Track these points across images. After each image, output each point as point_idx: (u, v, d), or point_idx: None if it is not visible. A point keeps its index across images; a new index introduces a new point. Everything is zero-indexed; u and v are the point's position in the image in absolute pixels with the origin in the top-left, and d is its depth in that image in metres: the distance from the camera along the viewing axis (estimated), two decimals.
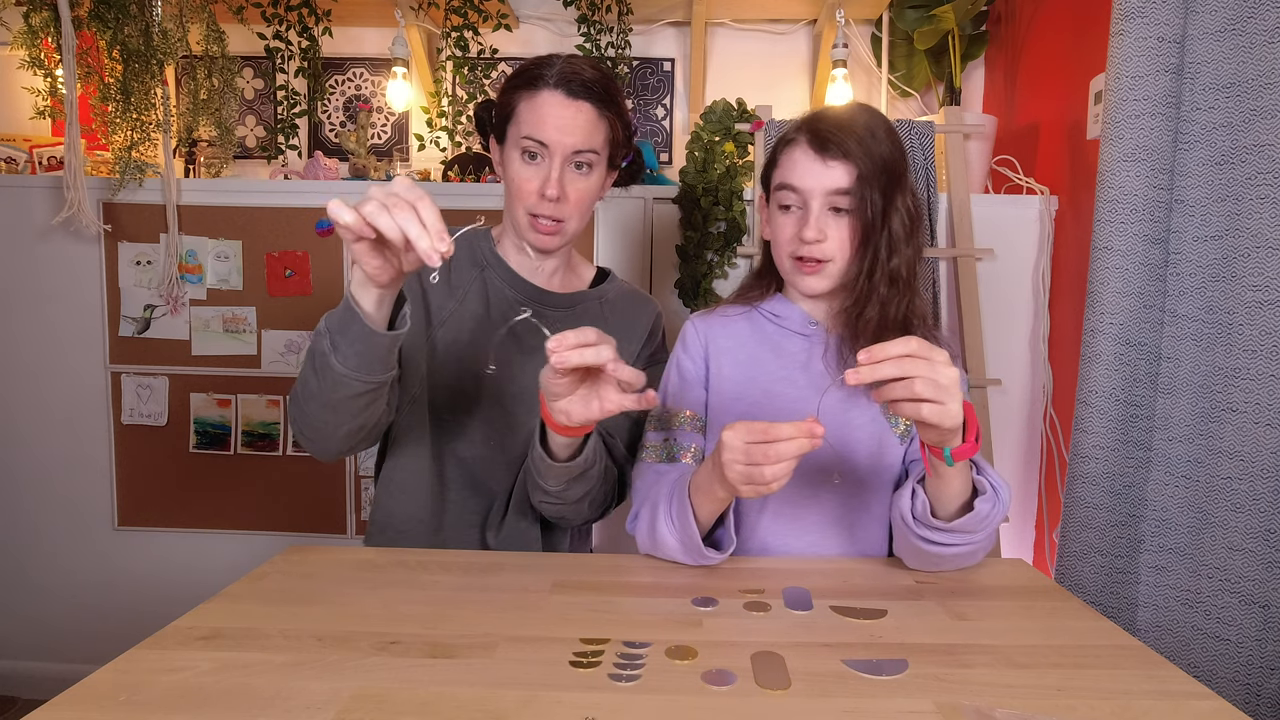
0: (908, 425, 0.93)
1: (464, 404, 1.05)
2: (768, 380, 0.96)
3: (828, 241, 0.89)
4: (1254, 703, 1.04)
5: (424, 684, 0.60)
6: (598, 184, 1.02)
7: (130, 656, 0.64)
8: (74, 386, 1.84)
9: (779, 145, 0.94)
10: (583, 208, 1.01)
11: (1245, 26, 1.07)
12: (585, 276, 1.15)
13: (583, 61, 0.99)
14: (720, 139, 1.76)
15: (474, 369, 1.04)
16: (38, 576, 1.89)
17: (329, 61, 2.24)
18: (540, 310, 1.04)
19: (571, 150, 0.96)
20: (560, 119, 0.95)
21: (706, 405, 0.98)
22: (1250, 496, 1.06)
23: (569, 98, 0.95)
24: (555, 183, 0.96)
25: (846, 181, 0.87)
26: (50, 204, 1.77)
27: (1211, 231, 1.12)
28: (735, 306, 1.02)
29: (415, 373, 1.03)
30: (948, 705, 0.58)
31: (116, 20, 1.65)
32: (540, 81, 0.96)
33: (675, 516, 0.84)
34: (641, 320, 1.12)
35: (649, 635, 0.68)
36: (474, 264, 1.07)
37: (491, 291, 1.06)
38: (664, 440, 0.96)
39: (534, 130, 0.95)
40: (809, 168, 0.89)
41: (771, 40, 2.25)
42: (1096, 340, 1.20)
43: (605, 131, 0.99)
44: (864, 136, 0.87)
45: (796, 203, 0.91)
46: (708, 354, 0.99)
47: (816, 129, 0.89)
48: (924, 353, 0.68)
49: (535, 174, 0.97)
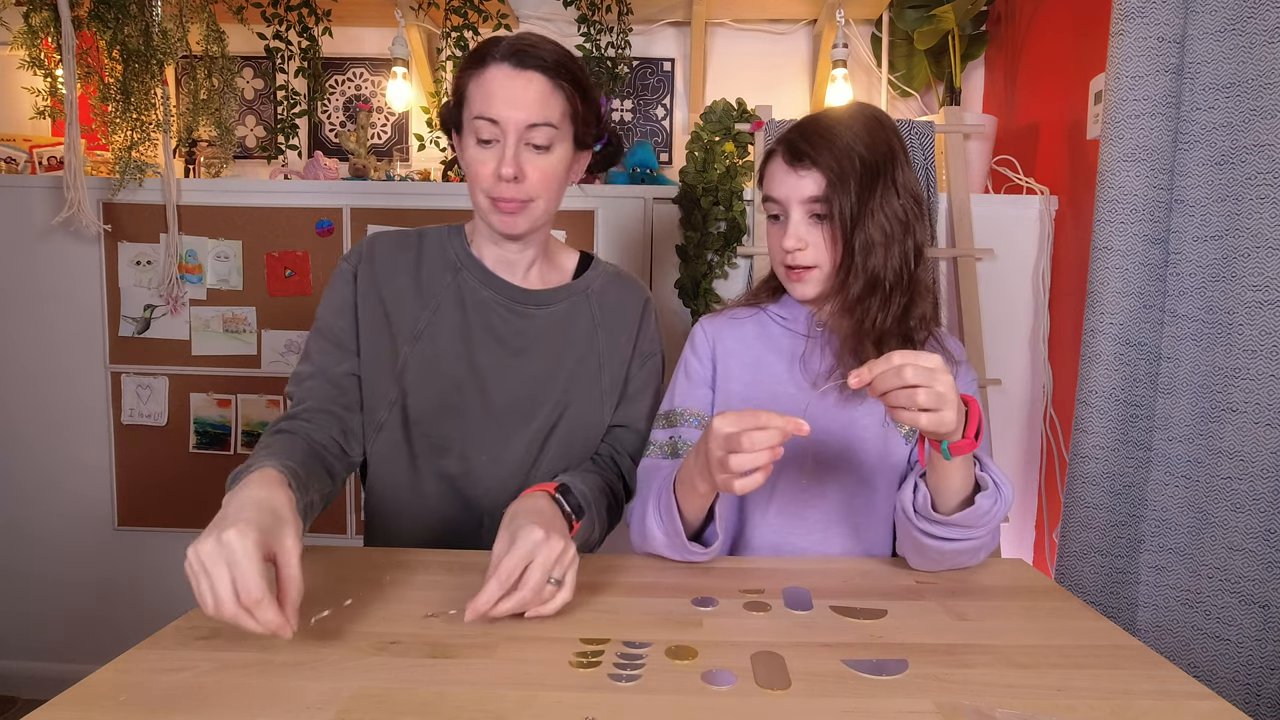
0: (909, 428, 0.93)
1: (449, 419, 0.98)
2: (773, 382, 0.96)
3: (808, 249, 0.90)
4: (1254, 703, 1.04)
5: (424, 684, 0.60)
6: (561, 162, 0.94)
7: (130, 656, 0.64)
8: (74, 387, 1.84)
9: (765, 157, 0.95)
10: (549, 187, 0.93)
11: (1245, 26, 1.07)
12: (567, 267, 1.08)
13: (533, 35, 0.93)
14: (720, 139, 1.76)
15: (457, 380, 0.98)
16: (38, 576, 1.89)
17: (329, 61, 2.24)
18: (523, 310, 1.01)
19: (525, 124, 0.89)
20: (509, 91, 0.89)
21: (713, 405, 0.98)
22: (1250, 496, 1.06)
23: (517, 68, 0.89)
24: (511, 160, 0.89)
25: (817, 189, 0.88)
26: (50, 204, 1.77)
27: (1211, 231, 1.12)
28: (744, 308, 1.02)
29: (381, 400, 0.98)
30: (948, 705, 0.58)
31: (116, 20, 1.65)
32: (488, 58, 0.90)
33: (662, 510, 0.84)
34: (631, 310, 1.06)
35: (649, 635, 0.68)
36: (446, 267, 1.01)
37: (467, 294, 1.00)
38: (669, 438, 0.97)
39: (483, 107, 0.89)
40: (783, 179, 0.90)
41: (771, 40, 2.25)
42: (1096, 340, 1.20)
43: (562, 104, 0.92)
44: (837, 141, 0.88)
45: (779, 212, 0.92)
46: (715, 355, 0.99)
47: (790, 139, 0.91)
48: (913, 362, 0.69)
49: (490, 155, 0.91)
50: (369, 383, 0.98)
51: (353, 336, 0.99)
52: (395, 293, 0.99)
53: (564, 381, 1.01)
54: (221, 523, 0.63)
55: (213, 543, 0.61)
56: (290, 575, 0.64)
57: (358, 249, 1.02)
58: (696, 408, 0.98)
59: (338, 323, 0.99)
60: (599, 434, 1.04)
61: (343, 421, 0.96)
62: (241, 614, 0.60)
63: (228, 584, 0.60)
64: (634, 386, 1.05)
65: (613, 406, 1.04)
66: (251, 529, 0.62)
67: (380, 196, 1.79)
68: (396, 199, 1.79)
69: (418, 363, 0.98)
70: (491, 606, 0.68)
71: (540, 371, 1.00)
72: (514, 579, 0.69)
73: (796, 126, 0.92)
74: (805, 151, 0.88)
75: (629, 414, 1.04)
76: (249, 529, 0.62)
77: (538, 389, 1.00)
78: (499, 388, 0.99)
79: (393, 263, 1.01)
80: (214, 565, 0.60)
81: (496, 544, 0.72)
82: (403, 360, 0.98)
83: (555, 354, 1.01)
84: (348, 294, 0.99)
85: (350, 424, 0.97)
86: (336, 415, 0.96)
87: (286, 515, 0.67)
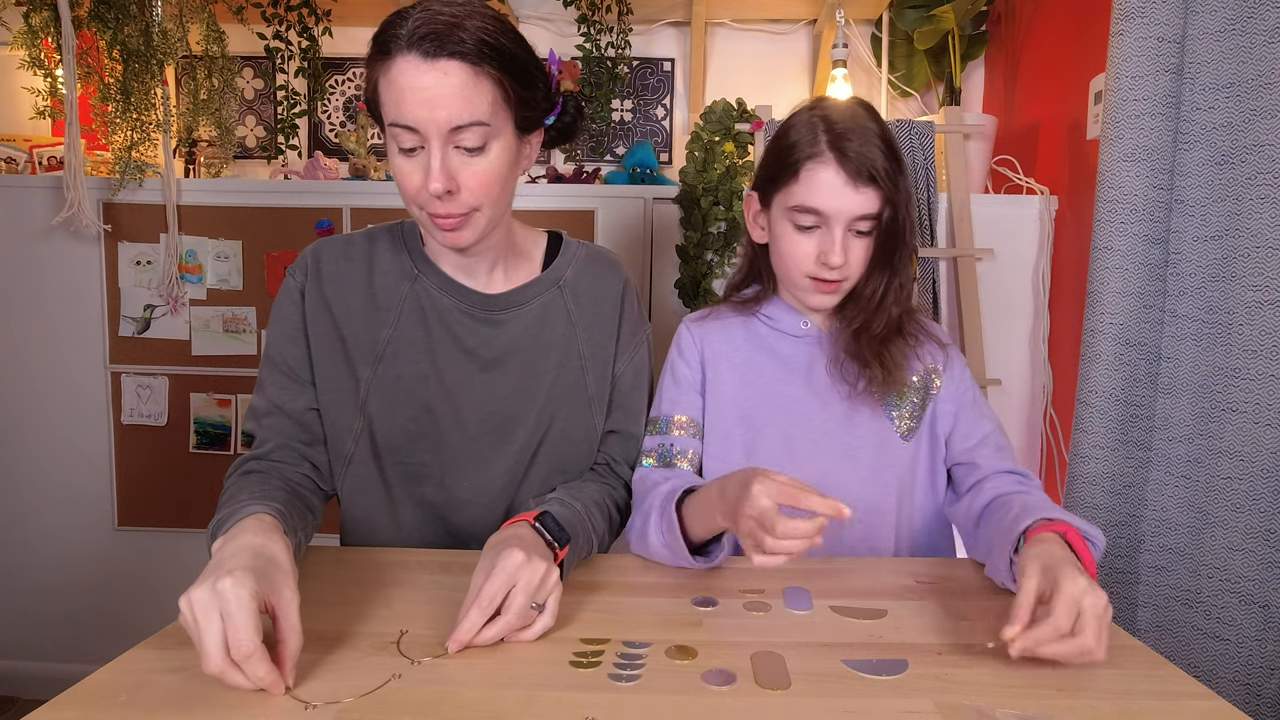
0: (910, 425, 0.93)
1: (422, 444, 0.91)
2: (766, 384, 0.96)
3: (848, 264, 0.87)
4: (1254, 703, 1.04)
5: (424, 684, 0.60)
6: (501, 160, 0.80)
7: (130, 656, 0.64)
8: (74, 386, 1.84)
9: (799, 158, 0.87)
10: (490, 192, 0.80)
11: (1245, 26, 1.07)
12: (535, 256, 0.97)
13: (447, 4, 0.76)
14: (720, 139, 1.76)
15: (427, 402, 0.90)
16: (38, 576, 1.89)
17: (329, 61, 2.24)
18: (490, 317, 0.91)
19: (448, 127, 0.75)
20: (422, 91, 0.74)
21: (703, 410, 0.97)
22: (1250, 496, 1.06)
23: (427, 59, 0.74)
24: (439, 173, 0.76)
25: (875, 207, 0.85)
26: (50, 204, 1.77)
27: (1211, 231, 1.12)
28: (731, 313, 1.00)
29: (346, 432, 0.90)
30: (948, 705, 0.58)
31: (116, 20, 1.65)
32: (393, 44, 0.75)
33: (664, 530, 0.83)
34: (609, 298, 0.97)
35: (649, 635, 0.68)
36: (402, 275, 0.91)
37: (427, 303, 0.90)
38: (659, 446, 0.95)
39: (396, 113, 0.76)
40: (838, 193, 0.85)
41: (771, 40, 2.24)
42: (1096, 340, 1.20)
43: (490, 92, 0.77)
44: (894, 156, 0.85)
45: (819, 224, 0.87)
46: (704, 359, 0.98)
47: (843, 147, 0.84)
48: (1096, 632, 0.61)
49: (415, 166, 0.78)
50: (329, 415, 0.90)
51: (306, 366, 0.90)
52: (348, 311, 0.90)
53: (546, 392, 0.93)
54: (217, 570, 0.59)
55: (206, 590, 0.57)
56: (290, 626, 0.60)
57: (301, 261, 0.92)
58: (685, 414, 0.96)
59: (290, 350, 0.90)
60: (592, 445, 0.97)
61: (310, 459, 0.90)
62: (230, 670, 0.56)
63: (218, 636, 0.55)
64: (624, 385, 0.98)
65: (603, 413, 0.97)
66: (248, 577, 0.58)
67: (380, 196, 1.79)
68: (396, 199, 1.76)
69: (382, 386, 0.89)
70: (474, 635, 0.65)
71: (517, 384, 0.92)
72: (497, 604, 0.66)
73: (838, 132, 0.85)
74: (866, 164, 0.83)
75: (623, 419, 0.98)
76: (245, 577, 0.58)
77: (516, 404, 0.92)
78: (472, 405, 0.91)
79: (342, 276, 0.91)
80: (205, 614, 0.56)
81: (476, 573, 0.69)
82: (365, 386, 0.89)
83: (532, 363, 0.93)
84: (296, 317, 0.90)
85: (317, 460, 0.91)
86: (301, 453, 0.89)
87: (284, 564, 0.63)
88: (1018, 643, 0.61)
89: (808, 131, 0.87)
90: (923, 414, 0.94)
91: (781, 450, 0.93)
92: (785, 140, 0.90)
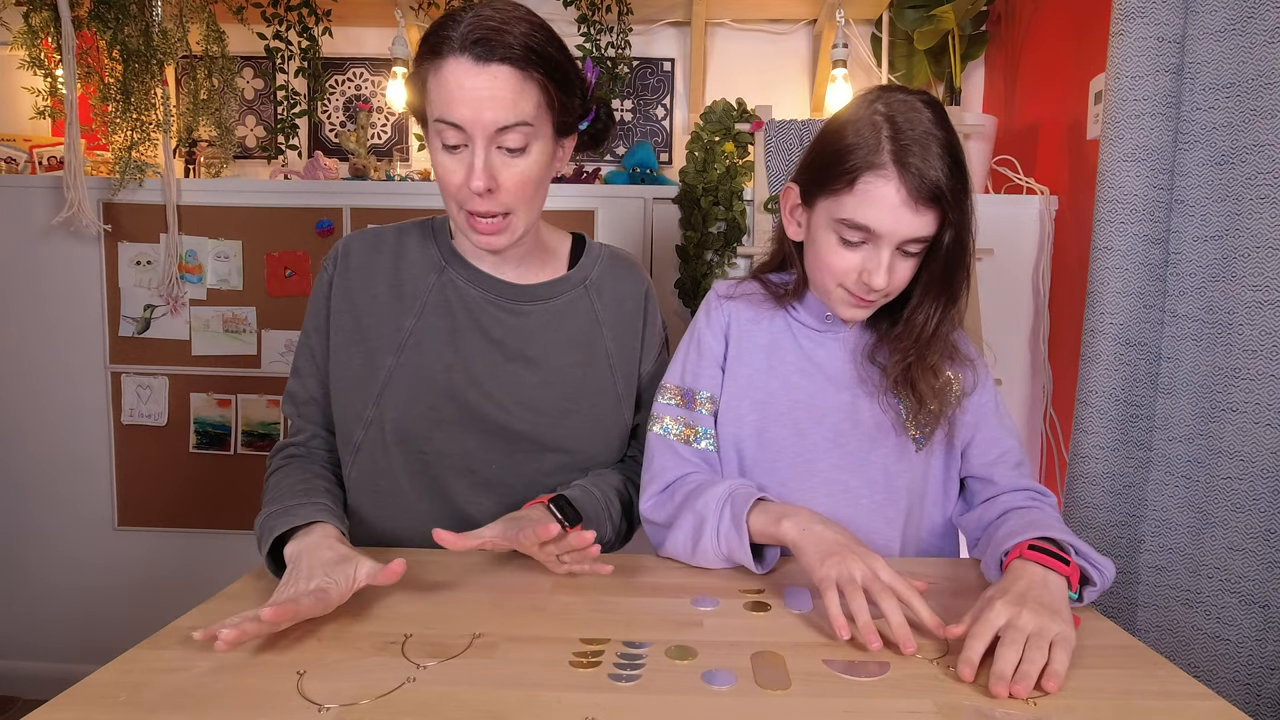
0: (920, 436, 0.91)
1: (443, 434, 0.91)
2: (787, 371, 0.93)
3: (890, 285, 0.83)
4: (1254, 703, 1.04)
5: (424, 684, 0.60)
6: (539, 163, 0.84)
7: (130, 656, 0.64)
8: (74, 386, 1.84)
9: (856, 165, 0.78)
10: (527, 194, 0.84)
11: (1245, 26, 1.07)
12: (560, 253, 0.99)
13: (496, 10, 0.79)
14: (720, 139, 1.76)
15: (450, 391, 0.90)
16: (38, 576, 1.89)
17: (329, 61, 2.24)
18: (516, 308, 0.93)
19: (494, 127, 0.79)
20: (472, 92, 0.77)
21: (722, 386, 0.94)
22: (1250, 496, 1.06)
23: (478, 63, 0.77)
24: (482, 172, 0.79)
25: (931, 229, 0.79)
26: (50, 204, 1.77)
27: (1211, 231, 1.12)
28: (763, 294, 0.96)
29: (356, 420, 0.91)
30: (948, 705, 0.58)
31: (116, 20, 1.65)
32: (445, 46, 0.78)
33: (723, 540, 0.81)
34: (634, 304, 1.00)
35: (649, 635, 0.68)
36: (429, 267, 0.93)
37: (453, 294, 0.92)
38: (686, 419, 0.93)
39: (444, 110, 0.79)
40: (896, 212, 0.77)
41: (771, 40, 2.24)
42: (1096, 340, 1.20)
43: (536, 96, 0.80)
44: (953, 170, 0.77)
45: (867, 240, 0.81)
46: (729, 333, 0.95)
47: (907, 162, 0.76)
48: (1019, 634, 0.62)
49: (458, 164, 0.81)
50: (340, 401, 0.93)
51: (328, 356, 0.94)
52: (372, 301, 0.92)
53: (574, 385, 0.94)
54: (303, 578, 0.70)
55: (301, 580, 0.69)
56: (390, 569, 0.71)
57: (333, 253, 0.96)
58: (708, 389, 0.94)
59: (319, 342, 0.95)
60: (623, 440, 0.99)
61: (334, 448, 0.97)
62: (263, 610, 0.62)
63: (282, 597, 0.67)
64: (648, 384, 1.00)
65: (631, 409, 1.00)
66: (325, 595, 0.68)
67: (380, 196, 1.79)
68: (396, 199, 1.79)
69: (405, 375, 0.90)
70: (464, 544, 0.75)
71: (542, 376, 0.93)
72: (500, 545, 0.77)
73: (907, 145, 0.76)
74: (933, 189, 0.76)
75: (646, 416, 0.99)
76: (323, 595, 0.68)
77: (540, 395, 0.93)
78: (497, 395, 0.91)
79: (368, 267, 0.93)
80: (283, 587, 0.69)
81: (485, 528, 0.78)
82: (387, 374, 0.90)
83: (558, 355, 0.94)
84: (324, 309, 0.94)
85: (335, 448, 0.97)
86: (329, 443, 0.97)
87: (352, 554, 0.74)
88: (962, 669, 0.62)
89: (870, 134, 0.78)
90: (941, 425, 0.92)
91: (793, 442, 0.91)
92: (842, 140, 0.81)
